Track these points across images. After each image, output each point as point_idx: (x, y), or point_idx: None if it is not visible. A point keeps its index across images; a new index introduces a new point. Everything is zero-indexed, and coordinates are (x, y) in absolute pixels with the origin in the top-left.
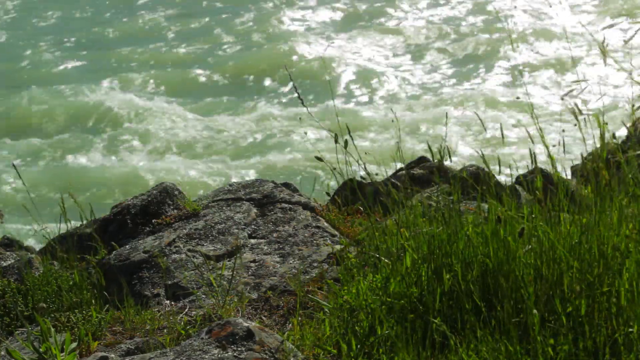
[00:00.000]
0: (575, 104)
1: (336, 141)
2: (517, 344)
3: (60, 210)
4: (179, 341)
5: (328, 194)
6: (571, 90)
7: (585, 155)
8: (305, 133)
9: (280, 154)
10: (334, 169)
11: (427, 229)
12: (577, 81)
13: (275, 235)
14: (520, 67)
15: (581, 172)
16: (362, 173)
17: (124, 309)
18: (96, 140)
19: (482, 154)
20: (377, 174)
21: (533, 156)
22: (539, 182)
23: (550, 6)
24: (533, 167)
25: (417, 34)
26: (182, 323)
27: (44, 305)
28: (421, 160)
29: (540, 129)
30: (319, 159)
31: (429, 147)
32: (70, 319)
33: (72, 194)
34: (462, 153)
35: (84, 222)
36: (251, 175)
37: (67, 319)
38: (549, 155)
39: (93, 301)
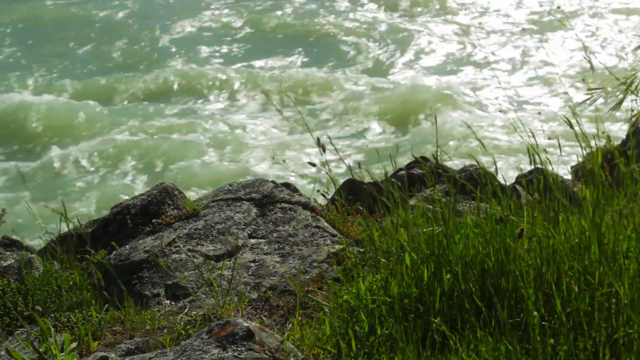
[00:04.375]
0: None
1: (320, 147)
2: (517, 344)
3: (60, 213)
4: (179, 341)
5: (324, 195)
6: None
7: (585, 155)
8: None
9: (280, 153)
10: (327, 178)
11: (426, 229)
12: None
13: (275, 235)
14: (517, 69)
15: (581, 172)
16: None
17: (124, 309)
18: (96, 141)
19: (476, 161)
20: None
21: (533, 157)
22: (541, 183)
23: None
24: (533, 167)
25: (417, 35)
26: (182, 323)
27: (39, 307)
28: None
29: (532, 132)
30: (312, 164)
31: (415, 157)
32: (70, 319)
33: (50, 207)
34: (463, 153)
35: (82, 223)
36: (251, 175)
37: (67, 319)
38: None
39: (93, 301)
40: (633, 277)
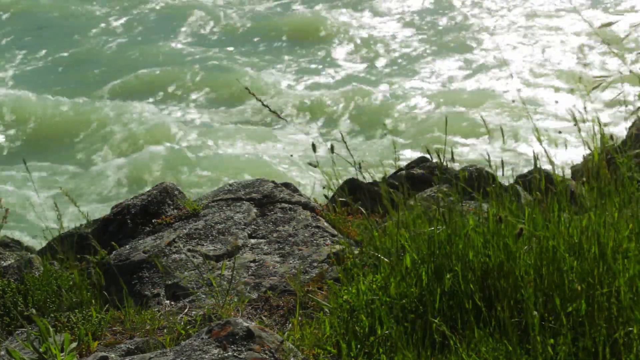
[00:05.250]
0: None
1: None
2: (516, 344)
3: (59, 213)
4: (179, 341)
5: (326, 196)
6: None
7: (585, 155)
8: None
9: (280, 153)
10: (331, 178)
11: (427, 230)
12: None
13: (275, 235)
14: (521, 67)
15: (581, 172)
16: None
17: (124, 309)
18: (97, 142)
19: (489, 156)
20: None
21: (535, 156)
22: (542, 182)
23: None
24: (533, 167)
25: (419, 35)
26: (182, 323)
27: (34, 310)
28: (421, 160)
29: (537, 130)
30: (313, 164)
31: (428, 150)
32: (70, 319)
33: (68, 194)
34: (463, 153)
35: (84, 222)
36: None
37: (67, 319)
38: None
39: (93, 301)
40: (633, 278)
